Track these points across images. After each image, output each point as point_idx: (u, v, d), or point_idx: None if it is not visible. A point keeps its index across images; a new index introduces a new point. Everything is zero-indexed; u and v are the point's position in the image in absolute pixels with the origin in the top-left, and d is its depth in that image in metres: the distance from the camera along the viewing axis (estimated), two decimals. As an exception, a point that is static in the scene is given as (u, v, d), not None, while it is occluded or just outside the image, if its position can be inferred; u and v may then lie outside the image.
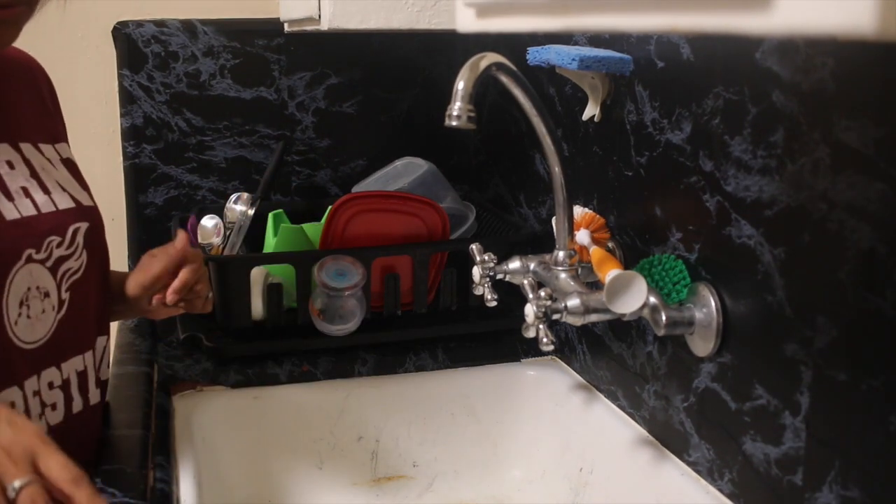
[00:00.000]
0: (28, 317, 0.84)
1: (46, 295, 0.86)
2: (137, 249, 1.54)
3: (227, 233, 1.36)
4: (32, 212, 0.85)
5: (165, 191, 1.54)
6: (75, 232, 0.90)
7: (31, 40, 0.90)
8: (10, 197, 0.84)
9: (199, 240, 1.33)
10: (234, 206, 1.40)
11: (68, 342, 0.90)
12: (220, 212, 1.40)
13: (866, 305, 0.71)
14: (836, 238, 0.74)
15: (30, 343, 0.85)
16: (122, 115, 1.51)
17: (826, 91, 0.74)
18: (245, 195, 1.41)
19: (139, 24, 1.49)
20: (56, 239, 0.87)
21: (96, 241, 0.93)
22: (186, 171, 1.55)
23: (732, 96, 0.86)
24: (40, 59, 1.00)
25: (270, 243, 1.40)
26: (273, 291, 1.26)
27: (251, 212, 1.38)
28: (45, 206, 0.87)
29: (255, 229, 1.39)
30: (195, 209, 1.47)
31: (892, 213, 0.69)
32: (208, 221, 1.36)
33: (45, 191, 0.88)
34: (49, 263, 0.86)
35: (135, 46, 1.49)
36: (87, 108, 1.55)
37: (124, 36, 1.49)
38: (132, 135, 1.52)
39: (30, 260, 0.84)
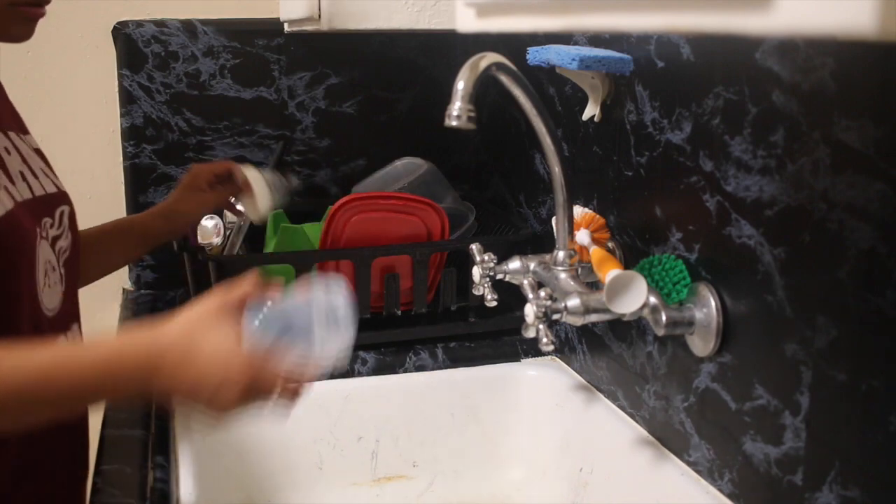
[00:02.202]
0: (49, 286, 0.91)
1: (54, 269, 0.93)
2: (137, 249, 1.54)
3: (228, 233, 1.36)
4: (29, 195, 0.92)
5: (165, 191, 1.54)
6: (62, 214, 0.97)
7: (32, 40, 0.90)
8: (13, 180, 0.89)
9: (199, 240, 1.33)
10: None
11: (69, 314, 0.96)
12: (220, 212, 1.40)
13: (866, 305, 0.71)
14: (836, 238, 0.74)
15: (50, 311, 0.91)
16: (122, 115, 1.51)
17: (826, 91, 0.74)
18: (245, 195, 1.40)
19: (139, 24, 1.49)
20: (49, 220, 0.93)
21: (75, 225, 1.00)
22: (186, 171, 1.55)
23: (732, 96, 0.86)
24: (40, 58, 1.01)
25: (270, 243, 1.40)
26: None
27: (251, 212, 1.37)
28: (38, 190, 0.93)
29: (255, 229, 1.39)
30: (195, 209, 1.47)
31: (892, 213, 0.69)
32: (208, 221, 1.35)
33: (35, 176, 0.95)
34: (49, 242, 0.93)
35: (135, 46, 1.49)
36: (87, 108, 1.54)
37: (124, 36, 1.49)
38: (132, 135, 1.52)
39: (40, 236, 0.91)
